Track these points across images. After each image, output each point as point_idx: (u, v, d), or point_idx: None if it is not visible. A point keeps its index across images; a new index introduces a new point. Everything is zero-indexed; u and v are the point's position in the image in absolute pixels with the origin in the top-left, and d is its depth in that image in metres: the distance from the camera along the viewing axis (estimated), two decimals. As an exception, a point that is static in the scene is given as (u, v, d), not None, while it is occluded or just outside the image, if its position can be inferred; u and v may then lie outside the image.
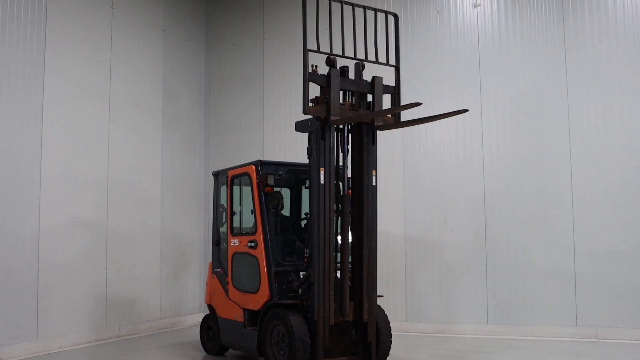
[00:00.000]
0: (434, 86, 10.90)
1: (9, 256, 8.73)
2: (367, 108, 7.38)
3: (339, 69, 7.19)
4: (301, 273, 7.64)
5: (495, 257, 10.27)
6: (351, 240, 7.30)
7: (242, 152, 12.40)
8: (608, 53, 9.87)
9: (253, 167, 8.15)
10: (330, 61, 7.16)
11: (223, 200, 9.03)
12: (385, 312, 7.82)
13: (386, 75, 7.59)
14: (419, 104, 6.02)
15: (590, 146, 9.86)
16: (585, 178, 9.84)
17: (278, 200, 8.08)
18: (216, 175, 9.39)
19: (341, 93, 7.27)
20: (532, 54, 10.35)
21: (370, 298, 7.20)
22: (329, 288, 6.91)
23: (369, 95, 7.40)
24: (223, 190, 9.05)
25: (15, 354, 8.66)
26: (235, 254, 8.49)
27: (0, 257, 8.61)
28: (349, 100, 7.34)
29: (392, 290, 10.72)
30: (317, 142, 7.01)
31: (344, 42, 7.33)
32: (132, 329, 10.84)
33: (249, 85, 12.77)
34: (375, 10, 7.66)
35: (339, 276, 7.26)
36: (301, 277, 7.58)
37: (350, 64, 7.40)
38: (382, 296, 8.16)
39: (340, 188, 7.32)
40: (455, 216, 10.61)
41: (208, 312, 9.35)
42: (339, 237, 7.30)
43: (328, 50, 7.10)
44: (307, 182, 8.09)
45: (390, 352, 7.70)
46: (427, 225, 10.79)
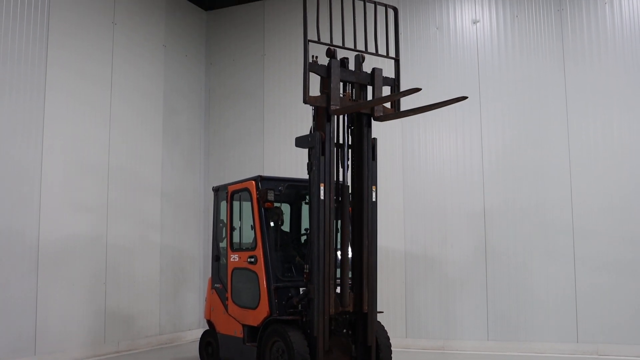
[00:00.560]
0: (433, 101, 10.86)
1: (8, 270, 8.71)
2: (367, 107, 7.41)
3: (339, 60, 7.24)
4: (301, 289, 7.63)
5: (496, 273, 10.25)
6: (351, 256, 7.29)
7: (242, 168, 12.41)
8: (607, 68, 9.90)
9: (253, 182, 8.16)
10: (331, 52, 7.21)
11: (223, 215, 9.03)
12: (385, 328, 7.79)
13: (386, 69, 7.63)
14: (419, 89, 5.99)
15: (590, 161, 9.86)
16: (585, 193, 9.83)
17: (278, 215, 8.08)
18: (216, 190, 9.39)
19: (341, 85, 7.31)
20: (531, 70, 10.38)
21: (370, 314, 7.19)
22: (329, 304, 6.89)
23: (369, 88, 7.44)
24: (223, 205, 9.06)
25: (13, 369, 8.65)
26: (234, 269, 8.48)
27: (0, 272, 8.60)
28: (349, 92, 7.38)
29: (392, 306, 10.69)
30: (317, 157, 7.02)
31: (344, 35, 7.39)
32: (131, 345, 10.79)
33: (250, 101, 12.80)
34: (375, 4, 7.70)
35: (338, 292, 7.24)
36: (301, 292, 7.56)
37: (350, 56, 7.45)
38: (382, 312, 8.14)
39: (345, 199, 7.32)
40: (455, 231, 10.60)
41: (207, 327, 9.34)
42: (339, 253, 7.29)
43: (328, 43, 7.16)
44: (307, 197, 8.10)
45: (390, 368, 7.67)
46: (427, 240, 10.78)
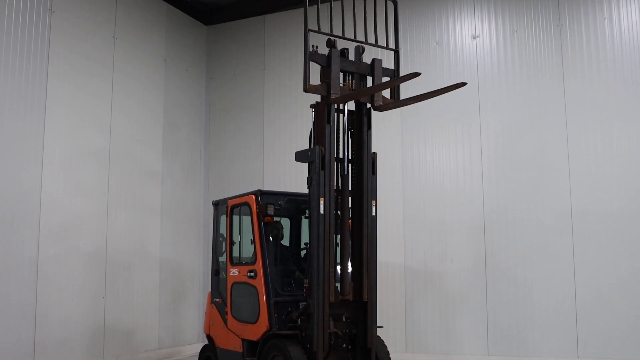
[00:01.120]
0: (433, 115, 10.95)
1: (7, 285, 8.69)
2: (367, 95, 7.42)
3: (339, 50, 7.27)
4: (300, 303, 7.60)
5: (496, 287, 10.22)
6: (351, 271, 7.27)
7: (242, 182, 12.42)
8: (606, 83, 9.93)
9: (253, 196, 8.16)
10: (331, 43, 7.23)
11: (223, 229, 9.01)
12: (385, 343, 7.77)
13: (385, 62, 7.66)
14: (418, 73, 5.97)
15: (589, 176, 9.87)
16: (584, 207, 9.83)
17: (278, 230, 8.07)
18: (216, 204, 9.39)
19: (341, 76, 7.33)
20: (530, 85, 10.42)
21: (371, 328, 7.16)
22: (329, 319, 6.88)
23: (368, 79, 7.46)
24: (223, 219, 9.04)
25: (11, 384, 8.61)
26: (234, 283, 8.45)
27: (-1, 286, 8.60)
28: (349, 82, 7.40)
29: (391, 321, 10.65)
30: (317, 172, 7.02)
31: (344, 26, 7.43)
32: (130, 359, 10.75)
33: (250, 115, 12.83)
34: None
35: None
36: (300, 307, 7.54)
37: (350, 47, 7.47)
38: (382, 327, 8.10)
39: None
40: (455, 245, 10.59)
41: (207, 342, 9.29)
42: (339, 267, 7.28)
43: (328, 33, 7.21)
44: (307, 212, 8.09)
45: (390, 383, 7.64)
46: (427, 255, 10.77)
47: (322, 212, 6.93)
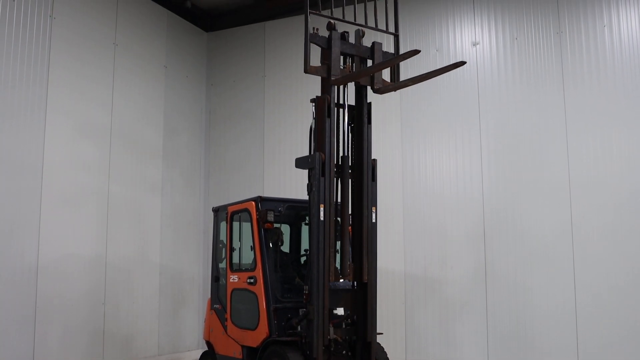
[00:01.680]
0: (433, 122, 10.96)
1: (7, 291, 8.69)
2: (367, 75, 7.45)
3: (339, 33, 7.31)
4: (300, 310, 7.59)
5: (496, 294, 10.21)
6: (351, 277, 7.28)
7: (242, 188, 12.41)
8: (606, 91, 9.94)
9: (253, 203, 8.16)
10: (331, 26, 7.27)
11: (222, 236, 9.01)
12: (385, 350, 7.75)
13: (385, 45, 7.71)
14: (418, 51, 5.97)
15: (590, 183, 9.86)
16: (585, 214, 9.82)
17: (278, 236, 8.07)
18: (216, 211, 9.39)
19: (341, 59, 7.36)
20: (530, 92, 10.42)
21: (371, 335, 7.15)
22: (328, 326, 6.87)
23: (369, 62, 7.48)
24: (223, 226, 9.04)
25: (11, 390, 8.59)
26: (234, 290, 8.45)
27: (-2, 293, 8.59)
28: (349, 64, 7.44)
29: (391, 328, 10.64)
30: (317, 178, 7.02)
31: (344, 10, 7.47)
32: (129, 366, 10.75)
33: (250, 122, 12.84)
34: None
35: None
36: (300, 313, 7.53)
37: (350, 31, 7.50)
38: (382, 333, 8.09)
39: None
40: (455, 252, 10.58)
41: (206, 348, 9.27)
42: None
43: (328, 16, 7.26)
44: (307, 218, 8.09)
45: (390, 390, 7.63)
46: (427, 261, 10.76)
47: (322, 218, 6.94)
